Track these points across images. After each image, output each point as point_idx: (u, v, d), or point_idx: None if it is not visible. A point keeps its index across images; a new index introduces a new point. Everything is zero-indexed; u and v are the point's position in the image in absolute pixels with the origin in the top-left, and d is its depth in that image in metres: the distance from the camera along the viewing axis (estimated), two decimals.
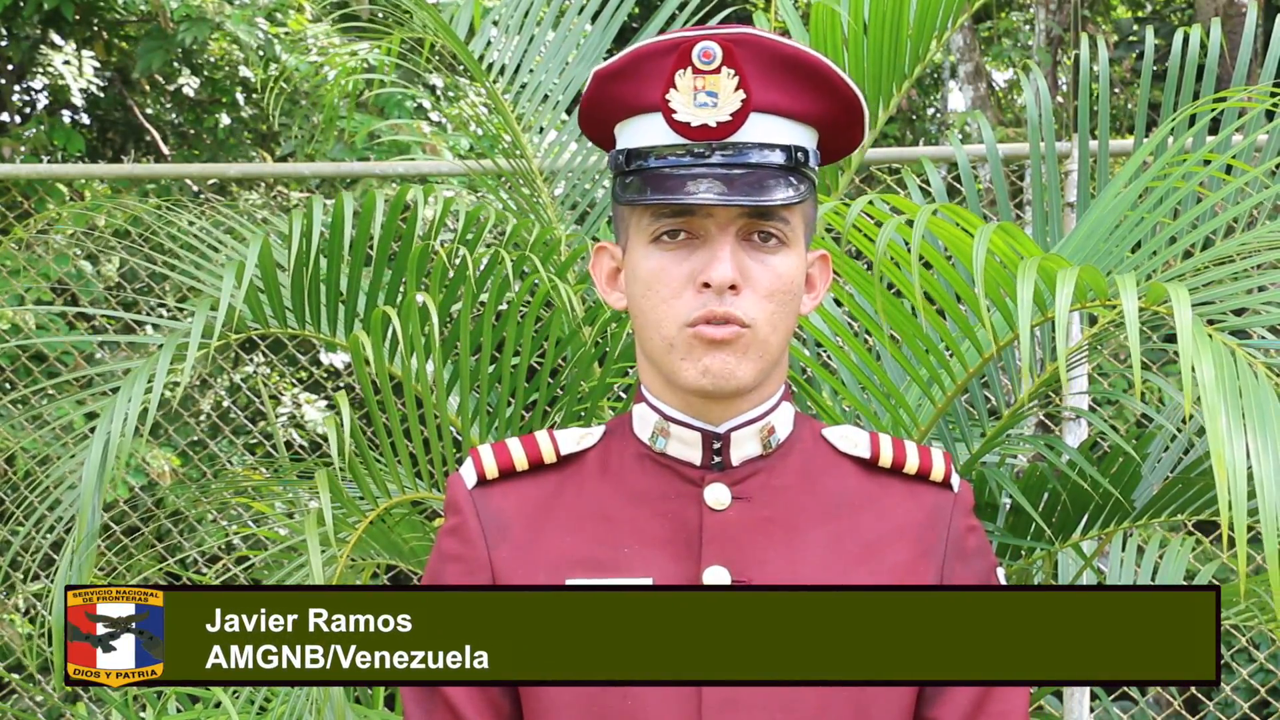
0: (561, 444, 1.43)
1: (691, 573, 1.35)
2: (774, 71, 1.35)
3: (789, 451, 1.42)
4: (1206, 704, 3.89)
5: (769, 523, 1.38)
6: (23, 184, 4.93)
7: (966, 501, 1.46)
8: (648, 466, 1.40)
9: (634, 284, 1.37)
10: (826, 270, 1.44)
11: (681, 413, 1.39)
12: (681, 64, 1.34)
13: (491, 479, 1.42)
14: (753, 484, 1.39)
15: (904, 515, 1.42)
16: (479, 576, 1.39)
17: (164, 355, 1.96)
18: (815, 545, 1.38)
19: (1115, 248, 2.05)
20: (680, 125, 1.34)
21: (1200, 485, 2.13)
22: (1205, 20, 3.23)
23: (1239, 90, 2.25)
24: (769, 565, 1.36)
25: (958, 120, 6.60)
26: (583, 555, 1.37)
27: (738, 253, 1.33)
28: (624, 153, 1.38)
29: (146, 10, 5.98)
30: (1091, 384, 3.77)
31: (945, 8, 2.30)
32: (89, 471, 1.89)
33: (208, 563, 4.23)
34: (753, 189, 1.32)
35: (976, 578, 1.42)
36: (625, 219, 1.39)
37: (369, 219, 2.20)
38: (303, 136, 5.48)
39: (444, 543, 1.42)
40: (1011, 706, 1.40)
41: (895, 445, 1.45)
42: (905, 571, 1.39)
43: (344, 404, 1.90)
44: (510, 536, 1.39)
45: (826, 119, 1.39)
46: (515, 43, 2.94)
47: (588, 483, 1.42)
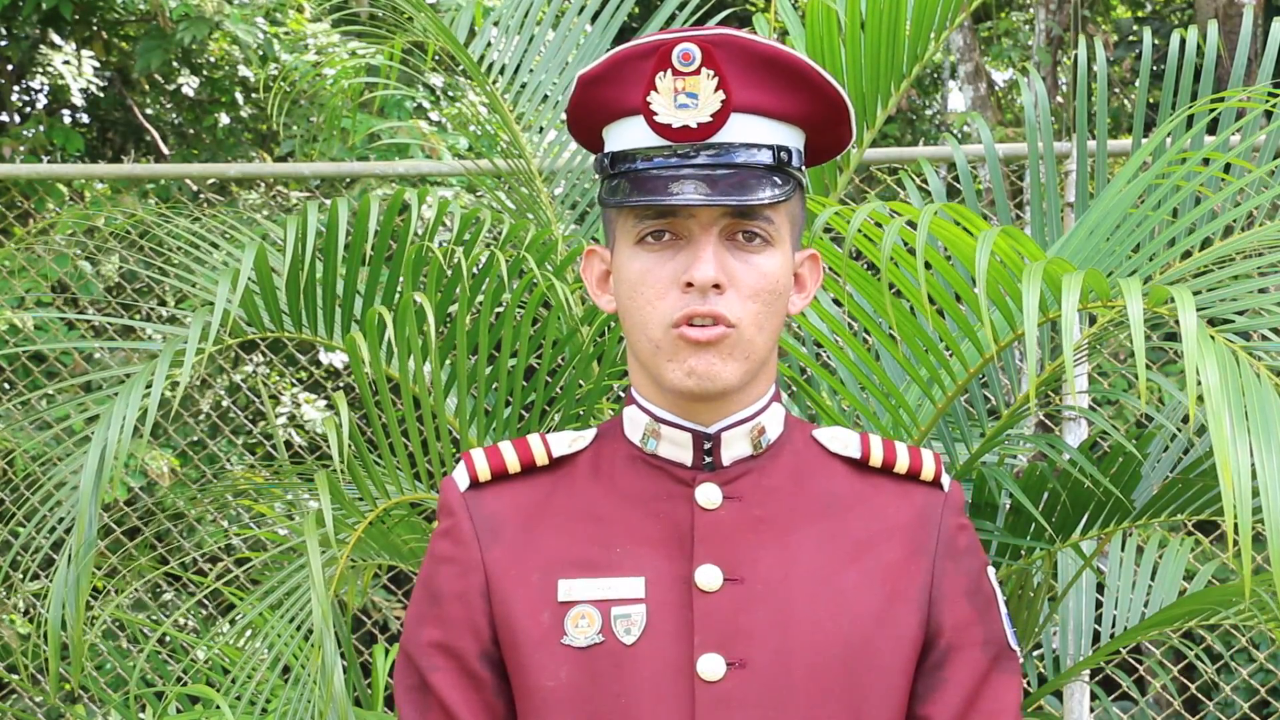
0: (553, 446, 1.44)
1: (684, 572, 1.36)
2: (754, 71, 1.35)
3: (779, 452, 1.42)
4: (1206, 704, 3.88)
5: (760, 522, 1.38)
6: (22, 184, 4.93)
7: (957, 501, 1.46)
8: (639, 468, 1.41)
9: (621, 286, 1.38)
10: (816, 269, 1.44)
11: (671, 414, 1.39)
12: (661, 66, 1.34)
13: (484, 481, 1.43)
14: (744, 484, 1.39)
15: (895, 515, 1.42)
16: (472, 578, 1.39)
17: (161, 362, 1.96)
18: (807, 544, 1.38)
19: (1116, 248, 2.04)
20: (661, 127, 1.34)
21: (1200, 485, 2.13)
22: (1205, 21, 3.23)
23: (1238, 91, 2.25)
24: (760, 564, 1.36)
25: (957, 120, 6.60)
26: (575, 556, 1.38)
27: (721, 253, 1.33)
28: (608, 156, 1.39)
29: (145, 10, 5.97)
30: (1091, 384, 3.77)
31: (943, 7, 2.30)
32: (86, 478, 1.89)
33: (208, 563, 4.23)
34: (735, 189, 1.32)
35: (967, 577, 1.42)
36: (612, 221, 1.40)
37: (365, 221, 2.20)
38: (303, 136, 5.48)
39: (437, 545, 1.43)
40: (1003, 704, 1.40)
41: (885, 445, 1.45)
42: (896, 571, 1.39)
43: (342, 404, 1.89)
44: (503, 538, 1.40)
45: (811, 118, 1.40)
46: (515, 43, 2.94)
47: (579, 484, 1.42)
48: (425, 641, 1.39)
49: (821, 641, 1.34)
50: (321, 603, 1.71)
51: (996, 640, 1.42)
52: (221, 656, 2.63)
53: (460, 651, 1.38)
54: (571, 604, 1.35)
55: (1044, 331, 2.25)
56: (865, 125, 2.39)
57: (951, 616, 1.40)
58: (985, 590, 1.43)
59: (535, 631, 1.35)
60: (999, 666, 1.41)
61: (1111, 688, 4.51)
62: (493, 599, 1.38)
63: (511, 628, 1.36)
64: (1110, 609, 2.56)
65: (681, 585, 1.35)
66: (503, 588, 1.37)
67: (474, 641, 1.38)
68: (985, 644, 1.41)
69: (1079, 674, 2.57)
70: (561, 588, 1.36)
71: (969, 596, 1.41)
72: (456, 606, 1.39)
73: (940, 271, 1.97)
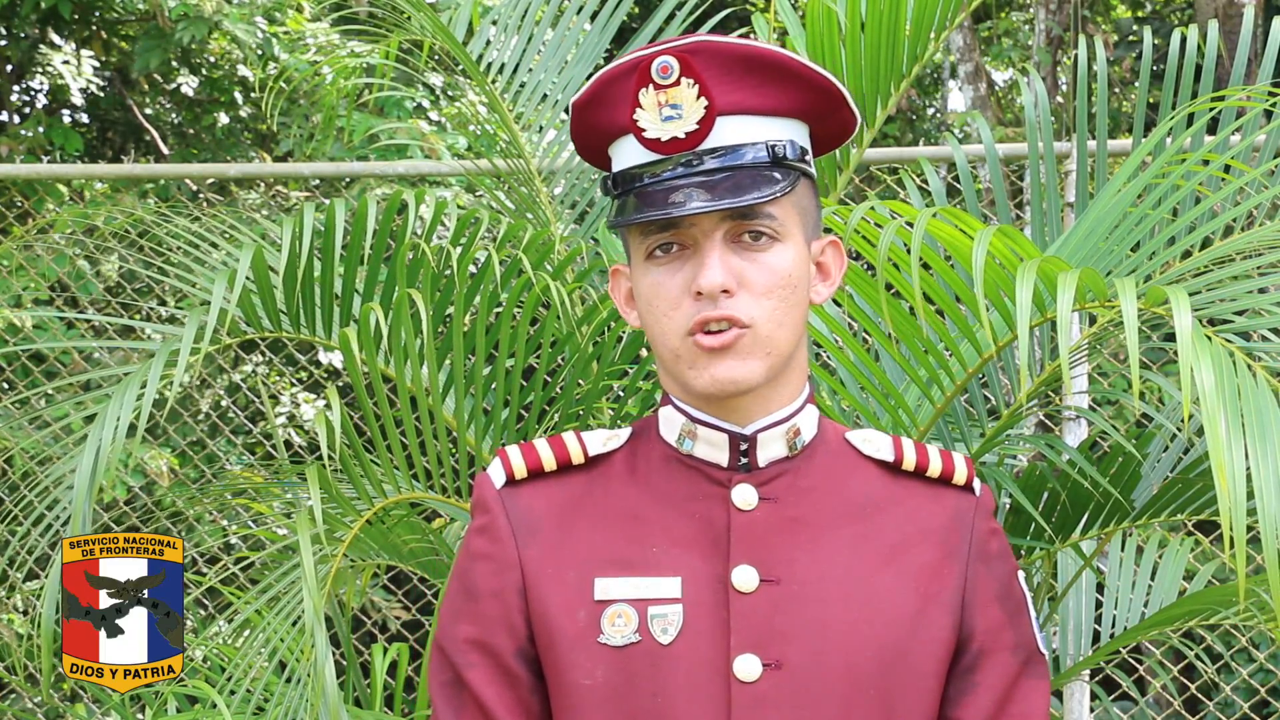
0: (589, 445, 1.44)
1: (720, 572, 1.36)
2: (734, 73, 1.35)
3: (814, 453, 1.43)
4: (1206, 704, 3.88)
5: (795, 523, 1.39)
6: (21, 184, 4.92)
7: (988, 505, 1.47)
8: (675, 468, 1.41)
9: (639, 302, 1.39)
10: (840, 255, 1.44)
11: (707, 414, 1.40)
12: (643, 82, 1.35)
13: (520, 479, 1.43)
14: (779, 485, 1.40)
15: (927, 518, 1.43)
16: (508, 575, 1.39)
17: (157, 362, 1.96)
18: (841, 546, 1.39)
19: (1115, 247, 2.04)
20: (651, 142, 1.35)
21: (1200, 485, 2.13)
22: (1205, 20, 3.23)
23: (1237, 90, 2.24)
24: (796, 565, 1.37)
25: (957, 120, 6.59)
26: (612, 554, 1.38)
27: (728, 256, 1.33)
28: (612, 177, 1.40)
29: (144, 9, 5.97)
30: (1091, 384, 3.77)
31: (943, 7, 2.30)
32: (81, 475, 1.89)
33: (207, 564, 4.23)
34: (731, 191, 1.32)
35: (998, 581, 1.43)
36: (626, 240, 1.42)
37: (363, 221, 2.20)
38: (301, 135, 5.48)
39: (473, 541, 1.43)
40: (1032, 706, 1.42)
41: (918, 449, 1.46)
42: (929, 573, 1.40)
43: (334, 398, 1.89)
44: (540, 536, 1.40)
45: (805, 108, 1.40)
46: (514, 42, 2.93)
47: (615, 483, 1.42)
48: (461, 638, 1.40)
49: (856, 644, 1.35)
50: (313, 597, 1.71)
51: (1027, 645, 1.43)
52: (221, 656, 2.62)
53: (496, 648, 1.39)
54: (608, 603, 1.36)
55: (1044, 331, 2.25)
56: (865, 125, 2.39)
57: (983, 621, 1.41)
58: (1016, 595, 1.44)
59: (571, 630, 1.36)
60: (1029, 671, 1.42)
61: (1111, 688, 4.51)
62: (529, 596, 1.38)
63: (548, 626, 1.37)
64: (1110, 609, 2.56)
65: (718, 585, 1.36)
66: (539, 585, 1.38)
67: (510, 639, 1.39)
68: (1016, 648, 1.42)
69: (1079, 674, 2.57)
70: (598, 586, 1.37)
71: (1000, 601, 1.42)
72: (492, 604, 1.39)
73: (939, 272, 1.97)
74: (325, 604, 1.90)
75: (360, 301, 2.32)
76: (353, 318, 2.31)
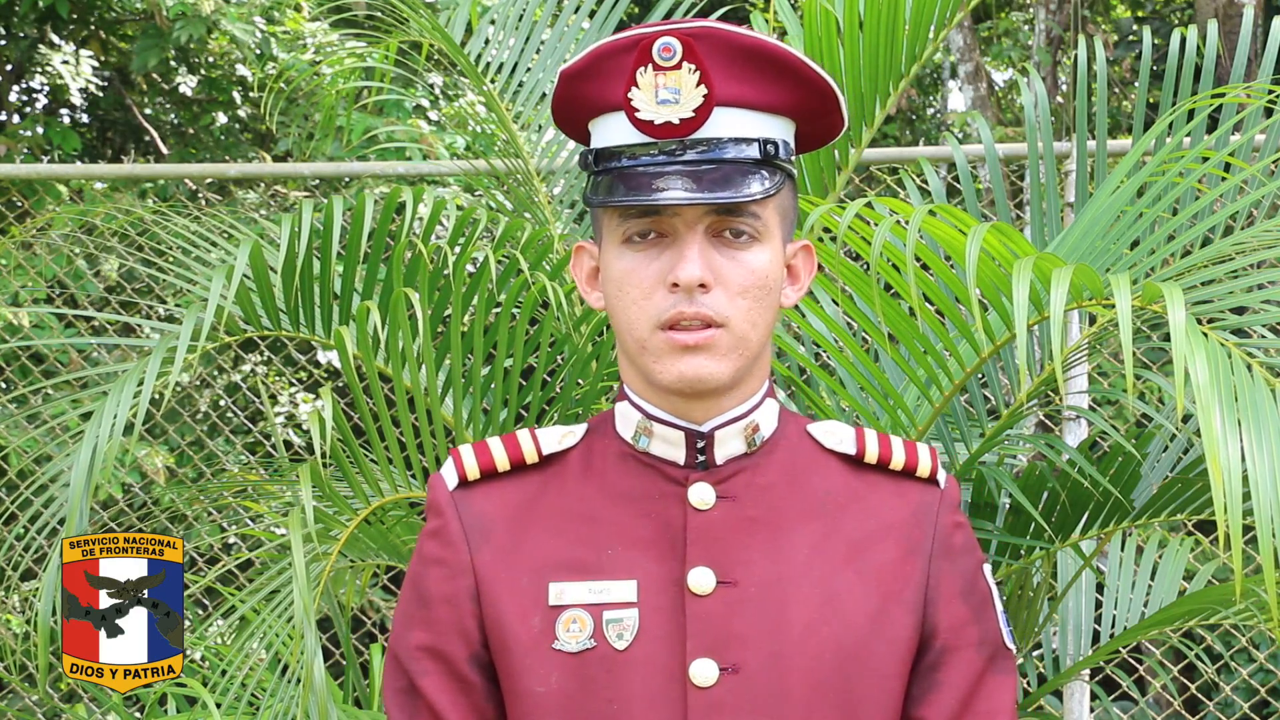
0: (543, 443, 1.42)
1: (676, 574, 1.34)
2: (737, 64, 1.33)
3: (773, 449, 1.40)
4: (1206, 704, 3.88)
5: (754, 522, 1.37)
6: (20, 184, 4.92)
7: (953, 498, 1.44)
8: (631, 466, 1.39)
9: (608, 285, 1.36)
10: (810, 260, 1.42)
11: (664, 411, 1.37)
12: (642, 61, 1.31)
13: (473, 480, 1.41)
14: (737, 483, 1.38)
15: (890, 513, 1.40)
16: (461, 580, 1.37)
17: (153, 359, 1.96)
18: (801, 545, 1.37)
19: (1113, 245, 2.04)
20: (643, 124, 1.32)
21: (1200, 485, 2.13)
22: (1205, 20, 3.22)
23: (1237, 87, 2.24)
24: (754, 566, 1.35)
25: (957, 120, 6.59)
26: (567, 557, 1.36)
27: (707, 250, 1.31)
28: (592, 153, 1.36)
29: (143, 8, 5.97)
30: (1091, 384, 3.76)
31: (941, 6, 2.29)
32: (78, 473, 1.89)
33: (206, 563, 4.22)
34: (720, 185, 1.30)
35: (962, 577, 1.41)
36: (598, 219, 1.38)
37: (361, 220, 2.20)
38: (300, 135, 5.47)
39: (425, 546, 1.41)
40: (998, 703, 1.39)
41: (881, 441, 1.43)
42: (892, 571, 1.38)
43: (327, 394, 1.89)
44: (492, 539, 1.38)
45: (799, 108, 1.37)
46: (512, 41, 2.93)
47: (570, 483, 1.40)
48: (414, 644, 1.38)
49: (815, 646, 1.33)
50: (303, 595, 1.70)
51: (992, 640, 1.41)
52: (219, 656, 2.62)
53: (449, 655, 1.37)
54: (563, 608, 1.34)
55: (1043, 331, 2.24)
56: (864, 125, 2.38)
57: (947, 617, 1.39)
58: (981, 589, 1.42)
59: (526, 636, 1.34)
60: (994, 667, 1.40)
61: (1111, 688, 4.50)
62: (482, 602, 1.36)
63: (502, 632, 1.35)
64: (1110, 609, 2.56)
65: (674, 588, 1.34)
66: (492, 590, 1.36)
67: (463, 645, 1.37)
68: (980, 644, 1.40)
69: (1079, 674, 2.57)
70: (552, 591, 1.35)
71: (964, 596, 1.40)
72: (445, 609, 1.37)
73: (938, 272, 1.96)
74: (322, 602, 1.90)
75: (359, 299, 2.31)
76: (351, 316, 2.31)
